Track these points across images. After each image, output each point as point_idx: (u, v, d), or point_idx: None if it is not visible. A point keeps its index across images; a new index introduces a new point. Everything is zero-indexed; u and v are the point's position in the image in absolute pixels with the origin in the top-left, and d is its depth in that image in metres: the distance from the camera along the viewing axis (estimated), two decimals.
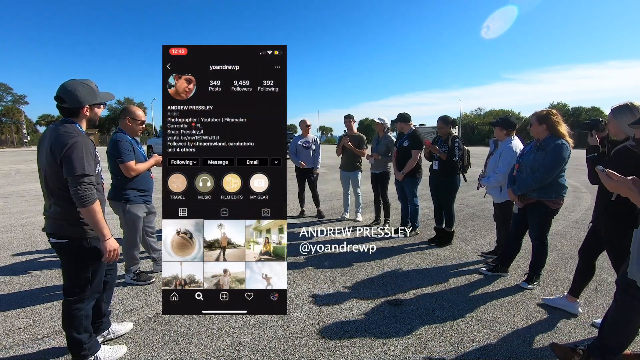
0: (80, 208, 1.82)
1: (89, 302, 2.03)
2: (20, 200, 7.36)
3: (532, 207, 3.06)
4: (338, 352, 2.21)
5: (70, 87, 1.88)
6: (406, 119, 4.67)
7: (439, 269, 3.63)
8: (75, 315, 1.97)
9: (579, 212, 6.25)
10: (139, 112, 3.08)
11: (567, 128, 2.93)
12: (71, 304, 1.97)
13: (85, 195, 1.80)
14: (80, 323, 1.98)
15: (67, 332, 1.99)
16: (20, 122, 47.81)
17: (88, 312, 2.04)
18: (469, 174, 4.43)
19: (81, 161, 1.81)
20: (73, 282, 1.98)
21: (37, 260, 3.83)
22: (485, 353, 2.24)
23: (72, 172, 1.78)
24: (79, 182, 1.79)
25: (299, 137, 5.78)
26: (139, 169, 3.01)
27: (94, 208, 1.84)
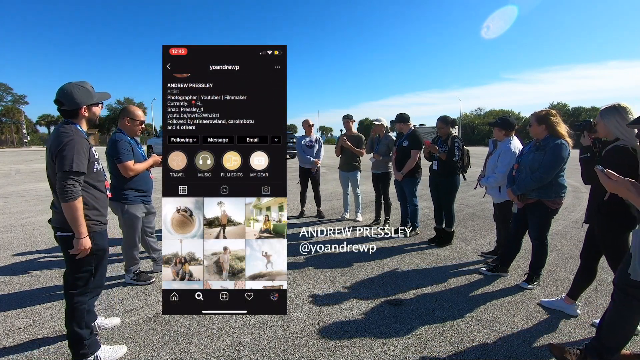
0: (62, 202, 1.88)
1: (91, 296, 2.10)
2: (20, 200, 7.36)
3: (531, 207, 3.06)
4: (338, 352, 2.21)
5: (66, 90, 1.97)
6: (405, 120, 4.67)
7: (439, 269, 3.63)
8: (77, 309, 2.03)
9: (579, 212, 6.25)
10: (138, 112, 3.08)
11: (566, 128, 2.94)
12: (74, 297, 2.03)
13: (69, 190, 1.86)
14: (82, 317, 2.03)
15: (68, 327, 2.04)
16: (20, 122, 47.86)
17: (90, 307, 2.10)
18: (468, 174, 4.43)
19: (72, 158, 1.87)
20: (76, 276, 2.04)
21: (37, 260, 3.83)
22: (485, 353, 2.24)
23: (61, 167, 1.87)
24: (65, 177, 1.86)
25: (303, 136, 5.83)
26: (137, 169, 3.00)
27: (75, 205, 1.89)
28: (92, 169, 2.03)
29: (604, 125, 2.25)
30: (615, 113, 2.19)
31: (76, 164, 1.88)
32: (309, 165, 5.68)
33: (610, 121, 2.21)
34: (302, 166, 5.76)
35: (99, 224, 2.08)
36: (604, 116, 2.24)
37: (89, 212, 2.01)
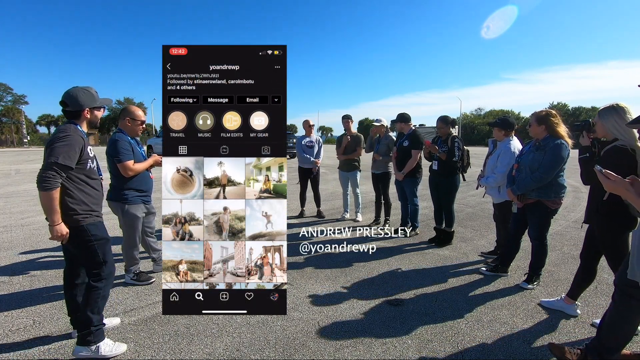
0: (40, 190, 1.93)
1: (107, 282, 2.21)
2: (20, 200, 7.36)
3: (531, 207, 3.06)
4: (338, 352, 2.21)
5: (72, 92, 2.11)
6: (406, 119, 4.67)
7: (439, 269, 3.63)
8: (92, 293, 2.14)
9: (579, 212, 6.25)
10: (138, 112, 3.08)
11: (566, 129, 2.94)
12: (91, 283, 2.16)
13: (48, 180, 1.91)
14: (95, 302, 2.14)
15: (82, 311, 2.14)
16: (20, 122, 47.85)
17: (105, 294, 2.21)
18: (468, 174, 4.43)
19: (61, 151, 1.93)
20: (88, 265, 2.18)
21: (37, 260, 3.83)
22: (485, 353, 2.24)
23: (48, 157, 1.94)
24: (49, 168, 1.92)
25: (303, 137, 5.84)
26: (137, 168, 3.00)
27: (52, 194, 1.94)
28: (85, 165, 2.09)
29: (603, 125, 2.25)
30: (614, 113, 2.19)
31: (63, 157, 1.94)
32: (309, 166, 5.69)
33: (608, 121, 2.21)
34: (301, 166, 5.77)
35: (89, 216, 2.13)
36: (603, 116, 2.24)
37: (76, 207, 2.07)
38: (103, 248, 2.18)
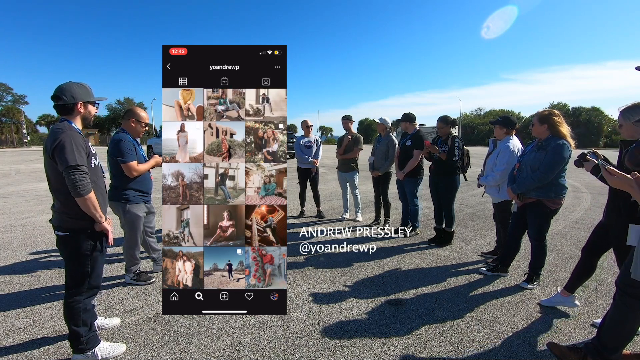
0: (76, 197, 1.88)
1: (87, 295, 2.09)
2: (20, 200, 7.36)
3: (531, 206, 3.06)
4: (338, 352, 2.21)
5: (65, 86, 2.03)
6: (411, 119, 4.68)
7: (439, 269, 3.63)
8: (73, 308, 2.04)
9: (579, 212, 6.25)
10: (143, 114, 3.12)
11: (568, 129, 2.93)
12: (70, 296, 2.05)
13: (81, 184, 1.87)
14: (78, 316, 2.05)
15: (67, 324, 2.07)
16: (20, 122, 47.80)
17: (87, 306, 2.10)
18: (469, 174, 4.43)
19: (72, 153, 1.89)
20: (72, 275, 2.05)
21: (37, 260, 3.82)
22: (485, 353, 2.23)
23: (65, 163, 1.87)
24: (72, 172, 1.87)
25: (301, 137, 5.84)
26: (141, 169, 3.02)
27: (90, 197, 1.91)
28: (90, 164, 2.03)
29: (631, 125, 2.13)
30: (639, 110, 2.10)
31: (78, 157, 1.90)
32: (308, 166, 5.69)
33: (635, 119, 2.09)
34: (300, 166, 5.77)
35: None
36: (628, 115, 2.14)
37: None
38: (94, 260, 2.08)
